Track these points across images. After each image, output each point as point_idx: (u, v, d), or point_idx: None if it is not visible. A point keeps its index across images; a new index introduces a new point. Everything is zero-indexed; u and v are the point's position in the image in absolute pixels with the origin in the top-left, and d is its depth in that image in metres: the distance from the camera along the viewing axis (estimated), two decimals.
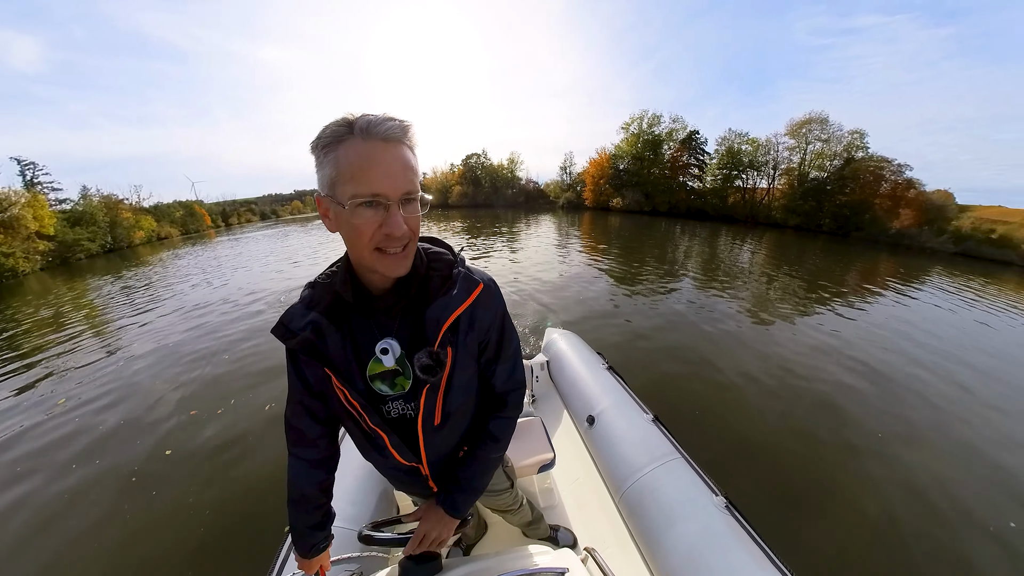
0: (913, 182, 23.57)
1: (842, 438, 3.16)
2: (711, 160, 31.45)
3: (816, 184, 25.57)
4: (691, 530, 1.25)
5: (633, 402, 1.96)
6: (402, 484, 0.94)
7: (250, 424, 3.34)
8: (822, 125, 25.93)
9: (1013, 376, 4.58)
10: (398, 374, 0.73)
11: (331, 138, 0.55)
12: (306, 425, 0.80)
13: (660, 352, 4.57)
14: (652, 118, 32.95)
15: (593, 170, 35.03)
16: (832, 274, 10.15)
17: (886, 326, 6.08)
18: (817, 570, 2.02)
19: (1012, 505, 2.57)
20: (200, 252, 17.81)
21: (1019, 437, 3.31)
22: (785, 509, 2.39)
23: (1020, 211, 22.03)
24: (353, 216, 0.57)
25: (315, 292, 0.72)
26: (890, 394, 3.94)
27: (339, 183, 0.56)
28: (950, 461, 3.03)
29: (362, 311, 0.72)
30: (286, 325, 0.71)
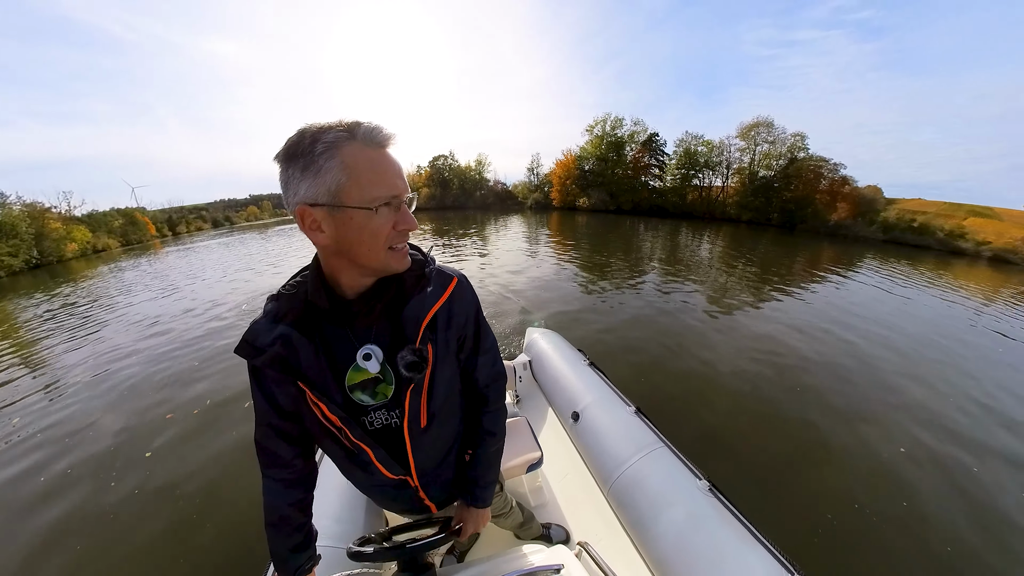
0: (847, 179, 26.25)
1: (804, 413, 3.44)
2: (670, 161, 33.26)
3: (764, 182, 27.83)
4: (678, 515, 1.30)
5: (615, 396, 2.02)
6: (390, 501, 0.91)
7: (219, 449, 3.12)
8: (768, 128, 28.31)
9: (937, 338, 5.48)
10: (379, 381, 0.72)
11: (332, 143, 0.54)
12: (278, 446, 0.77)
13: (631, 344, 4.74)
14: (615, 121, 34.28)
15: (560, 171, 35.82)
16: (782, 264, 11.10)
17: (830, 306, 6.79)
18: (795, 540, 2.17)
19: (964, 451, 3.00)
20: (146, 264, 16.33)
21: (941, 386, 3.89)
22: (762, 486, 2.56)
23: (935, 203, 25.48)
24: (374, 218, 0.57)
25: (281, 304, 0.69)
26: (839, 367, 4.39)
27: (354, 188, 0.55)
28: (899, 419, 3.43)
29: (335, 319, 0.69)
30: (251, 343, 0.67)
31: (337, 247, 0.60)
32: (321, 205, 0.56)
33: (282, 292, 0.71)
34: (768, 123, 28.19)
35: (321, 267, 0.67)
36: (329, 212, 0.56)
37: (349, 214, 0.56)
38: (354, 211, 0.56)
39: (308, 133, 0.55)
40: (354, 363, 0.70)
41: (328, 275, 0.67)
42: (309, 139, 0.54)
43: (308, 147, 0.54)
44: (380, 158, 0.57)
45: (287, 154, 0.56)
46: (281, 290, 0.71)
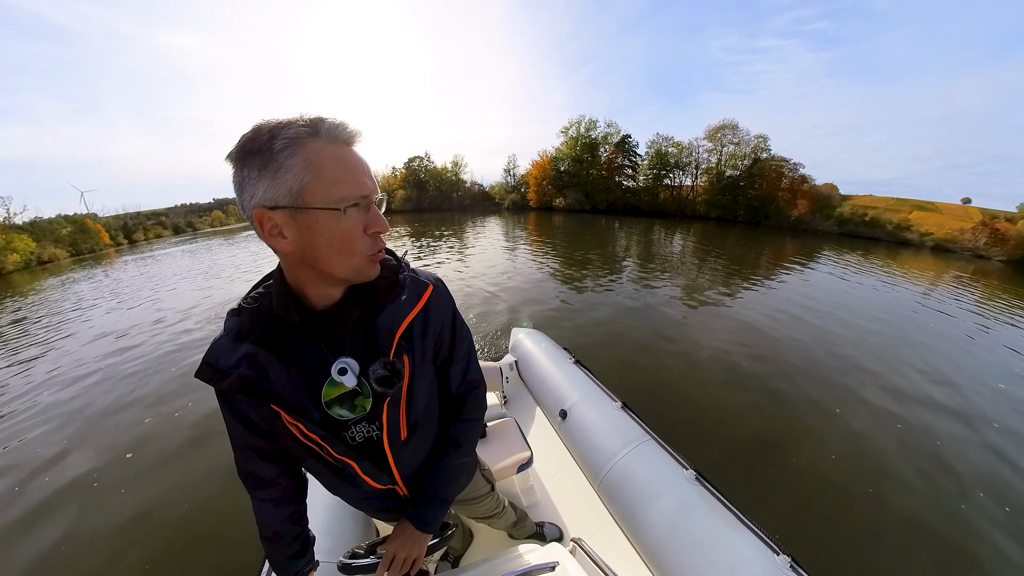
0: (806, 177, 28.03)
1: (777, 395, 3.67)
2: (643, 161, 34.37)
3: (731, 181, 29.32)
4: (668, 505, 1.34)
5: (602, 392, 2.05)
6: (380, 511, 0.89)
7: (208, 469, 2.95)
8: (733, 130, 29.81)
9: (890, 319, 6.28)
10: (357, 394, 0.68)
11: (294, 139, 0.49)
12: (261, 468, 0.73)
13: (612, 339, 4.84)
14: (589, 123, 35.03)
15: (536, 172, 36.20)
16: (749, 258, 11.87)
17: (795, 295, 7.40)
18: (779, 521, 2.28)
19: (917, 409, 3.45)
20: (102, 275, 15.16)
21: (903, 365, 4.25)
22: (744, 469, 2.69)
23: (885, 199, 27.60)
24: (342, 220, 0.53)
25: (243, 319, 0.62)
26: (806, 350, 4.75)
27: (319, 187, 0.50)
28: (863, 392, 3.77)
29: (306, 333, 0.64)
30: (214, 365, 0.61)
31: (302, 255, 0.55)
32: (282, 208, 0.50)
33: (243, 306, 0.64)
34: (733, 125, 29.73)
35: (285, 277, 0.62)
36: (291, 215, 0.51)
37: (314, 216, 0.51)
38: (320, 213, 0.51)
39: (265, 129, 0.49)
40: (329, 378, 0.65)
41: (294, 286, 0.62)
42: (267, 135, 0.49)
43: (266, 143, 0.48)
44: (346, 155, 0.53)
45: (241, 152, 0.50)
46: (242, 303, 0.64)
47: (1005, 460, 2.97)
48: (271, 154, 0.48)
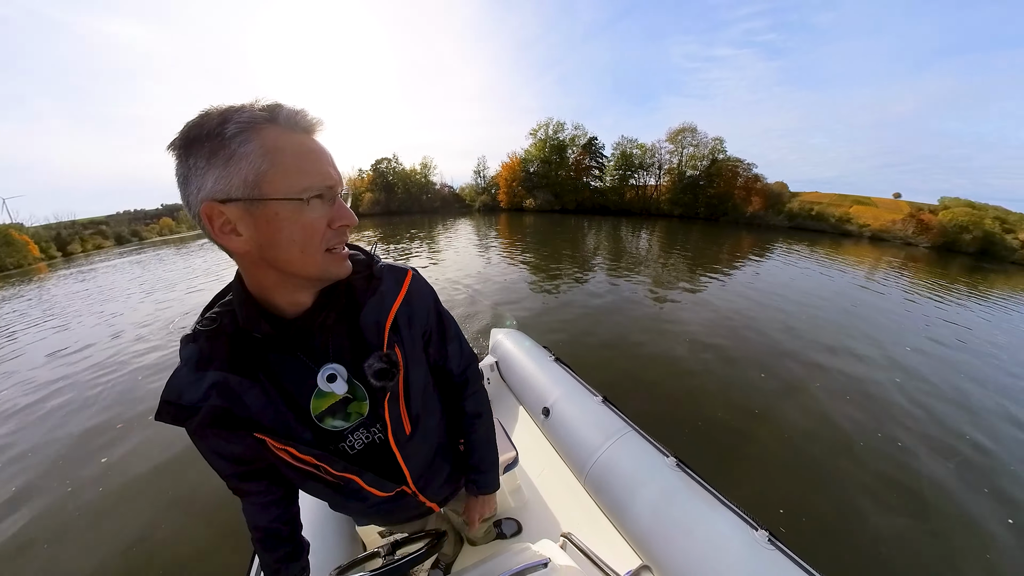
0: (759, 176, 30.24)
1: (743, 377, 3.93)
2: (609, 163, 35.65)
3: (691, 180, 31.11)
4: (652, 493, 1.39)
5: (583, 388, 2.09)
6: (389, 516, 0.87)
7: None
8: (692, 133, 31.64)
9: (838, 300, 7.29)
10: (349, 401, 0.63)
11: (248, 125, 0.44)
12: (251, 486, 0.70)
13: (588, 334, 4.96)
14: (556, 125, 35.78)
15: (506, 173, 36.46)
16: (710, 251, 12.85)
17: (753, 283, 8.25)
18: (755, 499, 2.44)
19: (864, 379, 3.77)
20: (33, 293, 13.63)
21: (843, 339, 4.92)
22: (720, 451, 2.85)
23: (828, 195, 30.25)
24: (305, 212, 0.47)
25: (202, 345, 0.55)
26: (766, 333, 5.19)
27: (278, 176, 0.45)
28: (820, 369, 4.19)
29: (280, 345, 0.58)
30: (176, 402, 0.54)
31: (260, 253, 0.49)
32: (235, 200, 0.44)
33: (199, 329, 0.57)
34: (692, 128, 31.58)
35: (246, 287, 0.55)
36: (246, 208, 0.45)
37: (273, 208, 0.46)
38: (280, 204, 0.46)
39: (215, 113, 0.44)
40: (316, 389, 0.60)
41: (258, 295, 0.55)
42: (217, 120, 0.43)
43: (216, 129, 0.43)
44: (308, 143, 0.48)
45: (186, 139, 0.43)
46: (197, 327, 0.57)
47: (918, 405, 3.70)
48: (222, 140, 0.43)
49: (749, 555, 1.10)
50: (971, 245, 23.37)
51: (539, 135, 36.20)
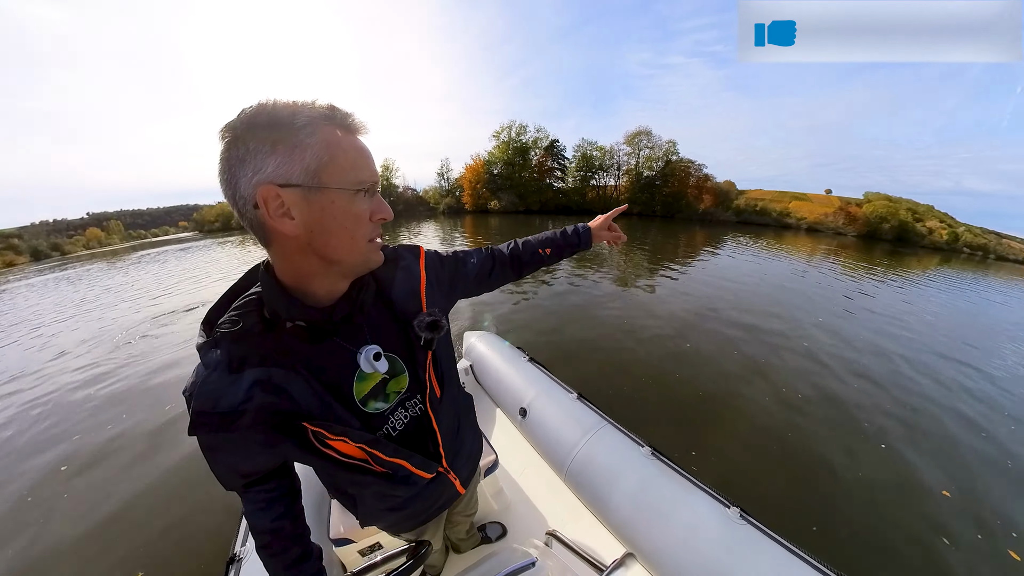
0: (709, 176, 32.69)
1: (707, 363, 4.18)
2: (570, 164, 36.71)
3: (648, 180, 32.97)
4: (630, 483, 1.43)
5: (558, 386, 2.12)
6: (423, 507, 0.84)
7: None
8: (648, 136, 33.50)
9: (784, 285, 8.43)
10: (387, 381, 0.66)
11: (314, 120, 0.48)
12: (258, 492, 0.67)
13: (559, 331, 5.05)
14: (519, 128, 36.23)
15: (470, 175, 36.36)
16: (668, 246, 14.04)
17: (709, 273, 9.19)
18: (726, 479, 2.58)
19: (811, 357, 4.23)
20: None
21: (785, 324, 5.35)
22: (691, 437, 2.99)
23: (771, 192, 33.37)
24: (356, 202, 0.52)
25: (231, 346, 0.54)
26: (723, 319, 5.61)
27: (336, 169, 0.49)
28: (774, 349, 4.58)
29: (318, 334, 0.59)
30: (213, 411, 0.52)
31: (309, 238, 0.51)
32: (295, 186, 0.47)
33: (224, 332, 0.55)
34: (647, 132, 33.51)
35: (277, 279, 0.56)
36: (304, 194, 0.48)
37: (330, 196, 0.50)
38: (336, 193, 0.50)
39: (280, 105, 0.47)
40: (357, 372, 0.62)
41: (293, 284, 0.56)
42: (286, 111, 0.47)
43: (286, 119, 0.46)
44: (360, 142, 0.54)
45: (251, 124, 0.46)
46: (220, 331, 0.55)
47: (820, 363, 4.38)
48: (292, 129, 0.46)
49: (724, 532, 1.17)
50: (889, 233, 27.25)
51: (502, 137, 36.48)
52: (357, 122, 0.53)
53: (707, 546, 1.15)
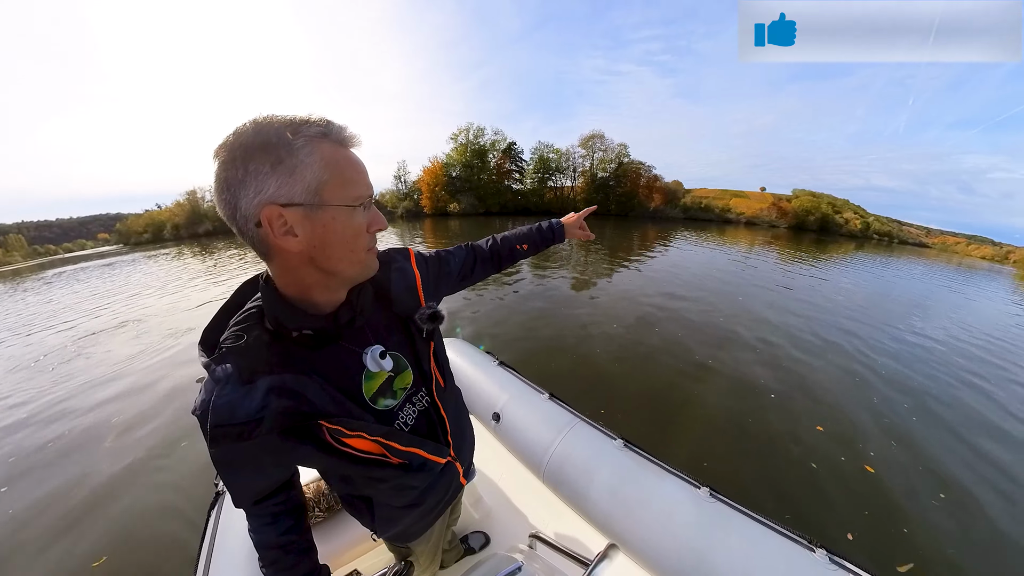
0: (658, 177, 34.89)
1: (667, 352, 4.43)
2: (528, 166, 37.47)
3: (603, 181, 34.71)
4: (605, 476, 1.47)
5: (529, 388, 2.13)
6: (436, 503, 0.85)
7: None
8: (601, 139, 35.12)
9: (725, 275, 9.28)
10: (393, 378, 0.69)
11: (312, 138, 0.49)
12: (266, 506, 0.69)
13: (526, 332, 5.08)
14: (477, 130, 36.30)
15: (428, 178, 35.81)
16: (623, 243, 15.02)
17: (662, 267, 9.93)
18: (694, 460, 2.75)
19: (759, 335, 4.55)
20: None
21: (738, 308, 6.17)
22: (659, 425, 3.15)
23: (714, 190, 36.64)
24: (355, 217, 0.54)
25: (240, 358, 0.55)
26: (679, 308, 6.05)
27: (337, 185, 0.51)
28: (728, 333, 5.00)
29: (323, 340, 0.60)
30: (230, 422, 0.52)
31: (311, 253, 0.52)
32: (297, 205, 0.48)
33: (229, 347, 0.55)
34: (600, 135, 35.20)
35: (279, 291, 0.57)
36: (307, 212, 0.49)
37: (331, 213, 0.51)
38: (337, 210, 0.51)
39: (277, 124, 0.47)
40: (364, 371, 0.64)
41: (295, 295, 0.58)
42: (284, 132, 0.47)
43: (283, 141, 0.47)
44: (355, 157, 0.55)
45: (249, 146, 0.46)
46: (225, 345, 0.56)
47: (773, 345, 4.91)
48: (291, 150, 0.47)
49: (697, 511, 1.24)
50: (814, 224, 31.91)
51: (460, 140, 36.37)
52: (351, 136, 0.54)
53: (683, 527, 1.22)
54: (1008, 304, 10.70)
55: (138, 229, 39.65)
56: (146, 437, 3.26)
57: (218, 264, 12.64)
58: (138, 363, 4.92)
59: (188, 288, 9.49)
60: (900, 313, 7.54)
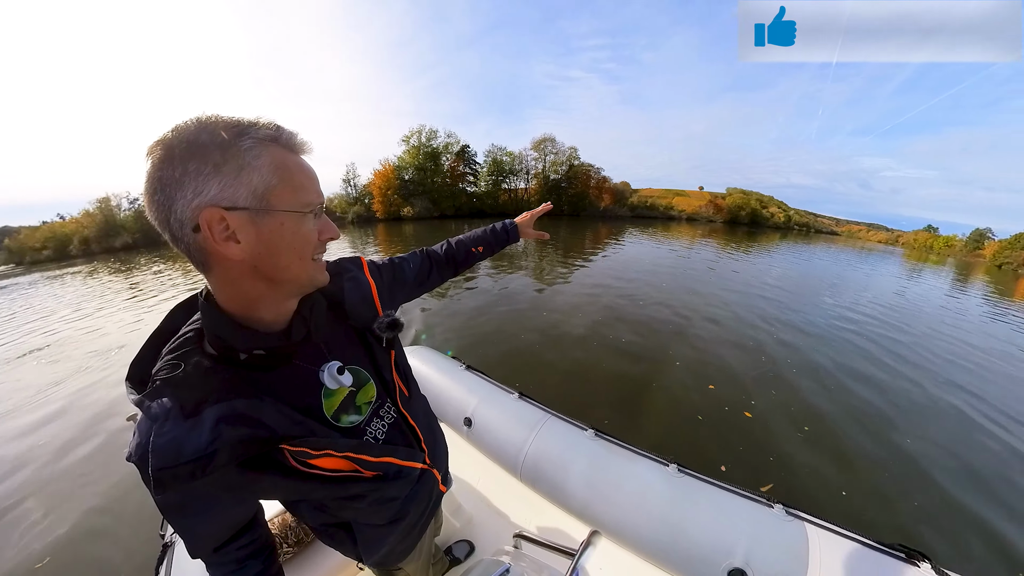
0: (607, 178, 36.81)
1: (628, 343, 4.68)
2: (482, 169, 37.61)
3: (555, 183, 35.98)
4: (581, 466, 1.52)
5: (498, 389, 2.13)
6: (420, 514, 0.82)
7: None
8: (552, 142, 36.43)
9: (670, 267, 10.43)
10: (355, 393, 0.65)
11: (260, 141, 0.47)
12: (229, 545, 0.62)
13: (489, 334, 5.11)
14: (430, 132, 35.64)
15: (379, 181, 34.49)
16: (577, 242, 15.94)
17: (615, 262, 10.79)
18: (661, 440, 2.93)
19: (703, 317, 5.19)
20: None
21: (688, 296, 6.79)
22: (626, 412, 3.31)
23: (658, 190, 40.40)
24: (304, 224, 0.51)
25: (179, 392, 0.48)
26: (640, 307, 6.33)
27: (285, 191, 0.48)
28: (680, 319, 5.58)
29: (275, 361, 0.56)
30: (177, 462, 0.46)
31: (255, 261, 0.49)
32: (242, 209, 0.45)
33: (164, 378, 0.49)
34: (551, 139, 36.58)
35: (221, 309, 0.52)
36: (252, 218, 0.46)
37: (279, 219, 0.48)
38: (286, 215, 0.49)
39: (222, 124, 0.44)
40: (323, 389, 0.60)
41: (239, 312, 0.53)
42: (231, 132, 0.44)
43: (230, 140, 0.44)
44: (305, 163, 0.53)
45: (191, 144, 0.43)
46: (159, 377, 0.49)
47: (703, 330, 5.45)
48: (236, 151, 0.44)
49: (667, 487, 1.33)
50: (746, 219, 36.56)
51: (412, 142, 35.52)
52: (302, 142, 0.52)
53: (657, 504, 1.30)
54: (895, 278, 13.78)
55: (35, 245, 33.85)
56: (74, 484, 2.81)
57: (143, 282, 11.24)
58: (56, 393, 4.27)
59: (111, 309, 8.32)
60: (813, 288, 9.20)
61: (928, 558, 1.04)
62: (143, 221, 25.21)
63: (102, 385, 4.33)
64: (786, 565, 1.09)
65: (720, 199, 39.05)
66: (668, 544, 1.23)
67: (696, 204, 38.52)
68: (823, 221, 43.04)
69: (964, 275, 19.20)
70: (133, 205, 28.06)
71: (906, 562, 1.05)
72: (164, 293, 9.18)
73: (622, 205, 36.30)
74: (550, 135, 36.90)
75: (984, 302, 10.81)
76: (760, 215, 38.31)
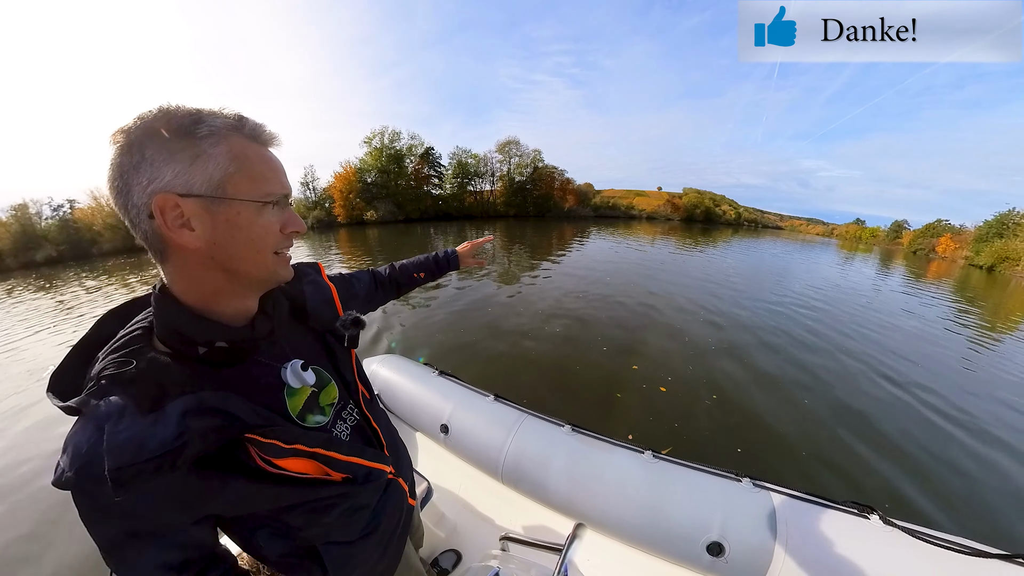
0: (570, 180, 38.09)
1: (599, 336, 4.87)
2: (447, 171, 37.26)
3: (520, 185, 36.40)
4: (561, 462, 1.55)
5: (473, 393, 2.12)
6: (393, 526, 0.75)
7: None
8: (516, 145, 36.94)
9: (633, 263, 11.06)
10: (317, 393, 0.64)
11: (219, 129, 0.46)
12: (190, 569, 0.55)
13: (459, 338, 5.05)
14: (392, 134, 34.89)
15: (340, 184, 33.13)
16: (543, 243, 16.28)
17: (581, 260, 11.38)
18: (638, 430, 3.01)
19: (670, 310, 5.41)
20: None
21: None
22: (599, 403, 3.40)
23: (620, 190, 42.38)
24: (264, 215, 0.50)
25: (130, 387, 0.44)
26: (605, 302, 6.64)
27: (243, 180, 0.48)
28: (647, 311, 5.94)
29: (235, 356, 0.54)
30: (138, 461, 0.41)
31: (211, 251, 0.48)
32: (196, 196, 0.45)
33: (113, 375, 0.44)
34: (516, 141, 37.00)
35: (178, 302, 0.50)
36: (207, 206, 0.46)
37: (235, 208, 0.47)
38: (243, 205, 0.48)
39: (183, 112, 0.45)
40: (285, 387, 0.59)
41: (198, 305, 0.51)
42: (188, 119, 0.44)
43: (187, 127, 0.44)
44: (269, 154, 0.53)
45: (148, 130, 0.43)
46: (108, 375, 0.45)
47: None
48: (192, 139, 0.45)
49: (644, 473, 1.40)
50: (701, 216, 40.24)
51: (374, 143, 34.56)
52: (268, 133, 0.52)
53: (636, 491, 1.36)
54: (831, 266, 16.30)
55: None
56: None
57: (75, 299, 10.04)
58: None
59: (39, 331, 7.36)
60: (764, 279, 10.26)
61: (876, 510, 1.17)
62: (69, 231, 22.39)
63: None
64: (758, 532, 1.19)
65: (677, 198, 41.60)
66: (650, 527, 1.29)
67: (655, 203, 40.80)
68: (769, 217, 47.34)
69: (887, 261, 23.21)
70: (57, 213, 24.79)
71: (858, 515, 1.17)
72: (97, 309, 8.31)
73: (586, 205, 37.83)
74: (515, 138, 37.35)
75: (904, 282, 13.55)
76: (714, 213, 41.36)
